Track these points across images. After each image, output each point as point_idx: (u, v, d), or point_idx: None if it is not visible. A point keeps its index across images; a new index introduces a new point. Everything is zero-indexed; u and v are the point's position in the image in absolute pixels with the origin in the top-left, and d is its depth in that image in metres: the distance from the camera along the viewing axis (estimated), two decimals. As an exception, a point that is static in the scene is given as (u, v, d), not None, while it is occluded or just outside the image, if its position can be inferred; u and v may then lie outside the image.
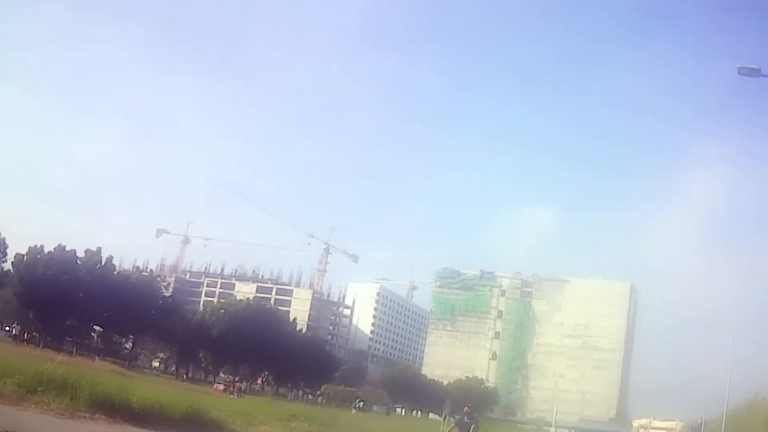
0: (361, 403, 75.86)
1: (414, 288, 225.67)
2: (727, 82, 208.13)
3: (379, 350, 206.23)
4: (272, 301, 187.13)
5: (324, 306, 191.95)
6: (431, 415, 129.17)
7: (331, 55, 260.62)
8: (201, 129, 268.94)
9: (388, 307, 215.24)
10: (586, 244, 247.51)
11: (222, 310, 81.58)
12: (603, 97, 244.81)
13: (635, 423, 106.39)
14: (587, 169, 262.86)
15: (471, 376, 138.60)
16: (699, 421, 72.83)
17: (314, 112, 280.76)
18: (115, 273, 72.98)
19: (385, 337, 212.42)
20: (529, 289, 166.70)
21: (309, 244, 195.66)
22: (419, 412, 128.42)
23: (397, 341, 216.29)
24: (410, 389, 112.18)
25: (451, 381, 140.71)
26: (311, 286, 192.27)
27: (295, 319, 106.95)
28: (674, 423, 73.44)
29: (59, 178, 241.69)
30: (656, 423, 74.90)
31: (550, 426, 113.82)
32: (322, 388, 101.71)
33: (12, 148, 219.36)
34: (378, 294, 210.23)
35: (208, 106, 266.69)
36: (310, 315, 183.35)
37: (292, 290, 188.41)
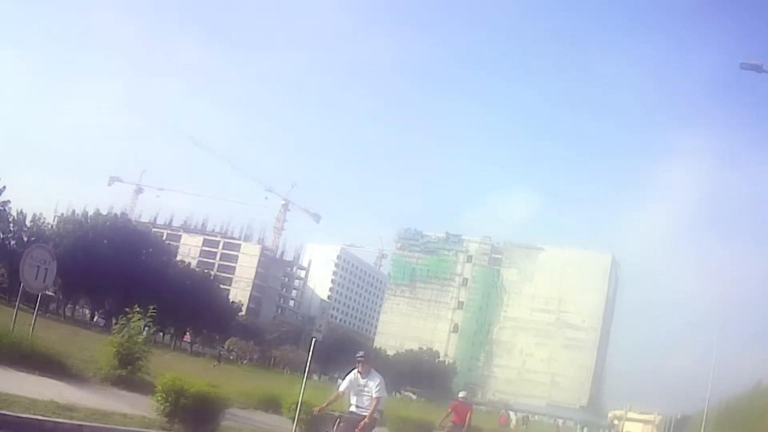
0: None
1: (383, 256, 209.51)
2: (714, 71, 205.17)
3: (336, 317, 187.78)
4: (218, 255, 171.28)
5: (275, 264, 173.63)
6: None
7: (308, 18, 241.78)
8: (165, 78, 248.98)
9: (349, 272, 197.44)
10: (565, 218, 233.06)
11: (71, 224, 62.39)
12: (590, 74, 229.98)
13: (610, 414, 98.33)
14: (570, 145, 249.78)
15: (426, 348, 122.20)
16: (679, 415, 65.74)
17: (285, 73, 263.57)
18: None
19: (344, 303, 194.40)
20: (499, 256, 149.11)
21: (266, 198, 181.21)
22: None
23: (356, 309, 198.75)
24: (341, 355, 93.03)
25: (401, 352, 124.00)
26: (261, 241, 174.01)
27: (174, 247, 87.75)
28: (652, 416, 68.35)
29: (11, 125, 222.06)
30: (632, 414, 70.20)
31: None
32: (227, 342, 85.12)
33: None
34: (338, 257, 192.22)
35: (175, 57, 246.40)
36: (257, 272, 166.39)
37: (240, 245, 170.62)
